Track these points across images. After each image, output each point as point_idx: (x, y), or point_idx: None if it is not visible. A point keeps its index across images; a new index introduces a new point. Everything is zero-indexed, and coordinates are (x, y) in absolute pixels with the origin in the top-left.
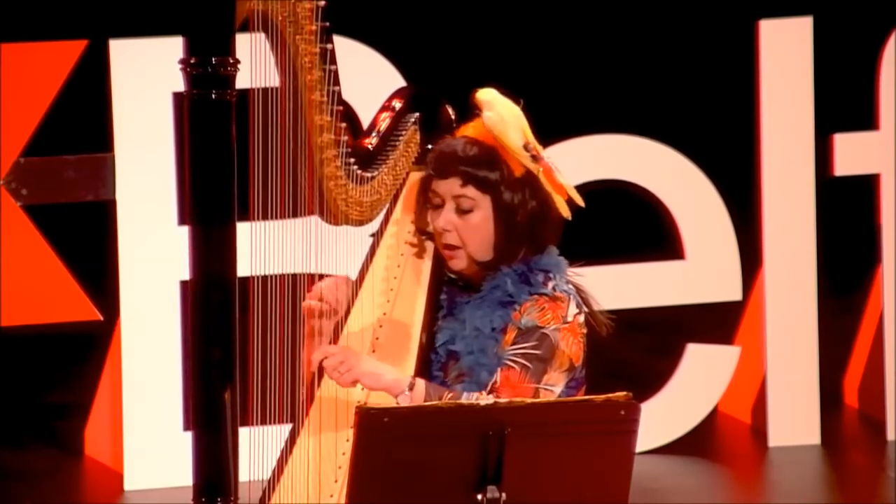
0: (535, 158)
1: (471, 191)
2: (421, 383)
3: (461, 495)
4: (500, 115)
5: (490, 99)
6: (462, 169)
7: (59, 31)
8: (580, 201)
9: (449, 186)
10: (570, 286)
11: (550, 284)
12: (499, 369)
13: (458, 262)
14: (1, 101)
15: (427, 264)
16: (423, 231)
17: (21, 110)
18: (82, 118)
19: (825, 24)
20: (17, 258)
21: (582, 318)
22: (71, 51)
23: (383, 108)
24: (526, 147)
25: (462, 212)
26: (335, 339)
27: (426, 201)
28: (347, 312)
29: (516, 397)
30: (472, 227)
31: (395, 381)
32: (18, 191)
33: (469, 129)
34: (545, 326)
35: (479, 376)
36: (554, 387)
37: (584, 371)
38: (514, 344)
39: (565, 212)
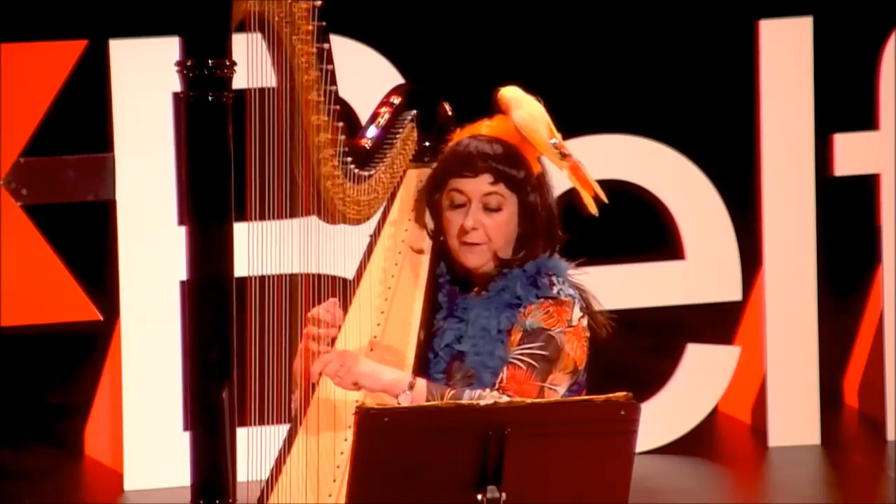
0: (564, 155)
1: (501, 188)
2: (422, 382)
3: (461, 495)
4: (531, 113)
5: (517, 97)
6: (494, 166)
7: (59, 31)
8: (605, 197)
9: (478, 185)
10: (574, 289)
11: (555, 288)
12: (505, 367)
13: (479, 257)
14: (1, 101)
15: (425, 263)
16: (428, 232)
17: (21, 110)
18: (82, 118)
19: (825, 24)
20: (17, 258)
21: (586, 322)
22: (71, 51)
23: (380, 106)
24: (554, 144)
25: (489, 210)
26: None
27: (440, 200)
28: (345, 313)
29: (521, 395)
30: (499, 224)
31: (394, 381)
32: (18, 191)
33: (483, 128)
34: (551, 329)
35: (482, 376)
36: (558, 387)
37: (586, 375)
38: (519, 344)
39: (592, 208)
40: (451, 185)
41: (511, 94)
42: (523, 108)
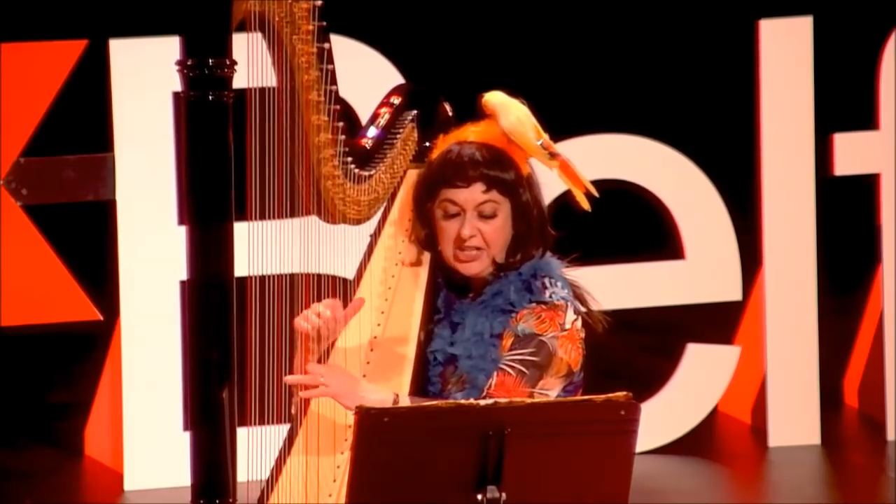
0: (552, 155)
1: (494, 195)
2: (406, 399)
3: (461, 495)
4: (518, 118)
5: (504, 102)
6: (486, 173)
7: (59, 31)
8: (595, 192)
9: (471, 194)
10: (568, 291)
11: (548, 292)
12: (494, 373)
13: (478, 265)
14: (1, 101)
15: (425, 264)
16: (421, 241)
17: (21, 110)
18: (82, 118)
19: (825, 24)
20: (17, 258)
21: (580, 324)
22: (71, 51)
23: (381, 106)
24: (542, 145)
25: (485, 217)
26: (329, 349)
27: (432, 208)
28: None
29: None
30: (495, 230)
31: (378, 402)
32: (18, 191)
33: (470, 134)
34: (543, 334)
35: (476, 380)
36: (550, 391)
37: (583, 375)
38: (511, 350)
39: (585, 204)
40: (442, 195)
41: (497, 100)
42: (511, 114)
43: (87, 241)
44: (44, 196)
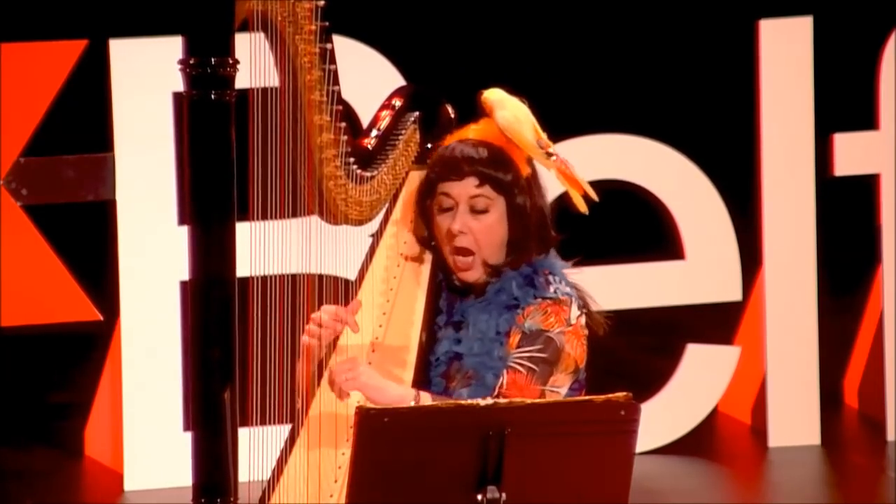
0: (549, 155)
1: (487, 190)
2: (426, 396)
3: (461, 495)
4: (514, 114)
5: (500, 98)
6: (479, 169)
7: (59, 31)
8: (594, 195)
9: (464, 188)
10: (571, 288)
11: (552, 287)
12: (505, 372)
13: (474, 274)
14: (1, 101)
15: (427, 264)
16: (422, 240)
17: (21, 110)
18: (82, 118)
19: (825, 24)
20: (17, 258)
21: (584, 320)
22: (71, 51)
23: (383, 107)
24: (539, 144)
25: (477, 212)
26: (332, 349)
27: (431, 206)
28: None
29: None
30: (487, 227)
31: (399, 397)
32: (18, 191)
33: (470, 132)
34: (549, 330)
35: (485, 378)
36: (560, 388)
37: (586, 373)
38: (518, 347)
39: (582, 206)
40: (439, 189)
41: (494, 96)
42: (506, 110)
43: (87, 241)
44: (44, 196)
